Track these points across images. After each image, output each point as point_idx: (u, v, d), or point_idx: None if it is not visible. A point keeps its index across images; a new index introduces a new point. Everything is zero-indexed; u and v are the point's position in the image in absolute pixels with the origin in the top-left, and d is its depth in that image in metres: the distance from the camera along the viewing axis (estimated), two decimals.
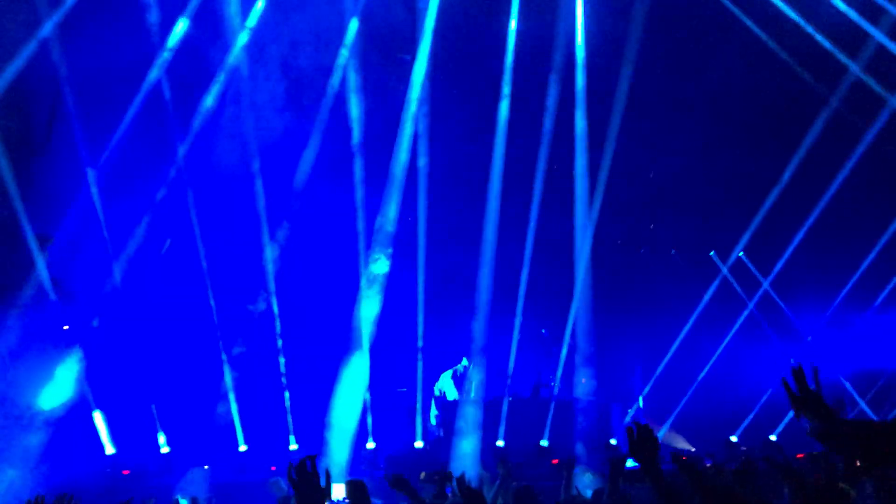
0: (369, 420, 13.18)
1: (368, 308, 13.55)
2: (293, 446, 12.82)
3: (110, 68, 11.49)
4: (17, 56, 10.67)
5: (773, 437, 13.45)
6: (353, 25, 13.43)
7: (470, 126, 14.97)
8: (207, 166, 13.12)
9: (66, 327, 11.45)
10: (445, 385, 13.43)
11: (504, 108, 14.37)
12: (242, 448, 12.59)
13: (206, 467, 11.32)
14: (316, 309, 14.30)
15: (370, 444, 12.76)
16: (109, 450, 11.53)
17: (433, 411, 13.41)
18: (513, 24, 14.08)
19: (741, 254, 16.34)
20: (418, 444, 12.86)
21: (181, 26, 12.30)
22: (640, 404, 15.71)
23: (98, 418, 11.54)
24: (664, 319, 16.25)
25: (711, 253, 16.84)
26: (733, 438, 13.66)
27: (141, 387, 12.10)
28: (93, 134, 12.18)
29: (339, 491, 7.65)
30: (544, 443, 11.81)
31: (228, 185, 13.25)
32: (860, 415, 14.56)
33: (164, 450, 11.89)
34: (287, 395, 13.47)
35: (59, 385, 10.90)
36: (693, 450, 14.17)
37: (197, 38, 12.66)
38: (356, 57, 13.62)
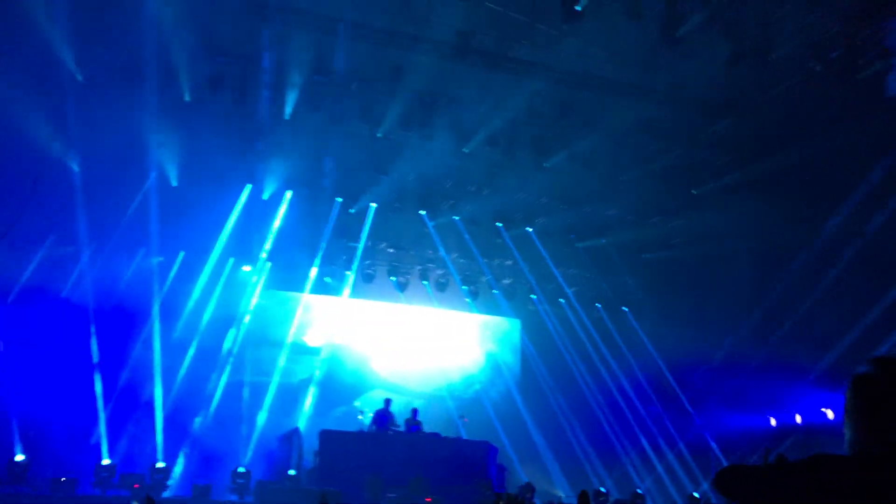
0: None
1: None
2: (160, 464, 12.21)
3: None
4: None
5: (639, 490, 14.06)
6: None
7: None
8: None
9: None
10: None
11: None
12: (105, 462, 11.86)
13: (63, 479, 10.62)
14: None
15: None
16: None
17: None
18: None
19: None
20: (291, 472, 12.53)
21: None
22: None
23: None
24: None
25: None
26: (602, 489, 13.93)
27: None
28: None
29: None
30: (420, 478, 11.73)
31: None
32: None
33: (19, 458, 11.00)
34: (159, 412, 13.04)
35: None
36: (562, 496, 14.59)
37: None
38: None
